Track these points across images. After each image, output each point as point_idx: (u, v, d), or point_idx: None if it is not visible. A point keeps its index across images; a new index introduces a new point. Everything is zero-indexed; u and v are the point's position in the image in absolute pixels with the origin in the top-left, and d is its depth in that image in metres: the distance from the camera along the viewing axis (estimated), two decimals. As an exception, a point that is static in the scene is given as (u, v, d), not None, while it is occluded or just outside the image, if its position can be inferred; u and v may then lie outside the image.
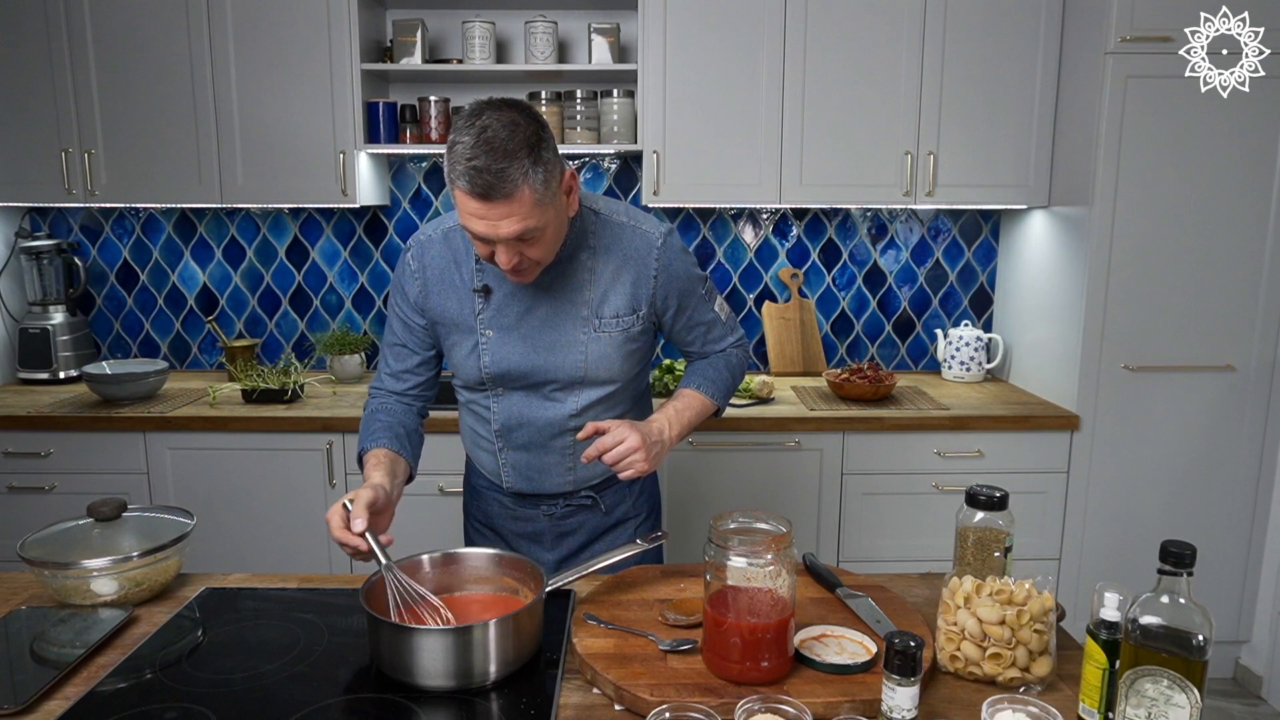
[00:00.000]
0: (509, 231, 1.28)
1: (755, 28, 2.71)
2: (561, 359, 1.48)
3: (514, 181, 1.24)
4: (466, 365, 1.52)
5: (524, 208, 1.26)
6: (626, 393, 1.58)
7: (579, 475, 1.58)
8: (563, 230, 1.40)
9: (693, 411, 1.54)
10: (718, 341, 1.63)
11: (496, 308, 1.48)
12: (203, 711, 1.07)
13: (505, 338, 1.48)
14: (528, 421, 1.54)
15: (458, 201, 1.29)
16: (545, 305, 1.47)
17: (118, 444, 2.62)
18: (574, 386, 1.51)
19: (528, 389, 1.52)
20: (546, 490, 1.60)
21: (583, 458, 1.39)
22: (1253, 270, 2.58)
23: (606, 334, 1.48)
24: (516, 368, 1.49)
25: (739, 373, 1.66)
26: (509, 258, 1.32)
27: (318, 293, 3.20)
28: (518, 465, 1.58)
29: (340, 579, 1.47)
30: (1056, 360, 2.77)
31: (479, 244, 1.34)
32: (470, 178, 1.23)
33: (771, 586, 1.10)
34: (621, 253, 1.48)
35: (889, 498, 2.69)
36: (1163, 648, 0.94)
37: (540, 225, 1.30)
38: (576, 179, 1.39)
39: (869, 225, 3.19)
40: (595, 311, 1.47)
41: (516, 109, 1.28)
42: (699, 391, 1.57)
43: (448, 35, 3.01)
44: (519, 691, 1.12)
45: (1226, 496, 2.69)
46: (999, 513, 1.20)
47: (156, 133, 2.76)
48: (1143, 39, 2.47)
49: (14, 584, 1.44)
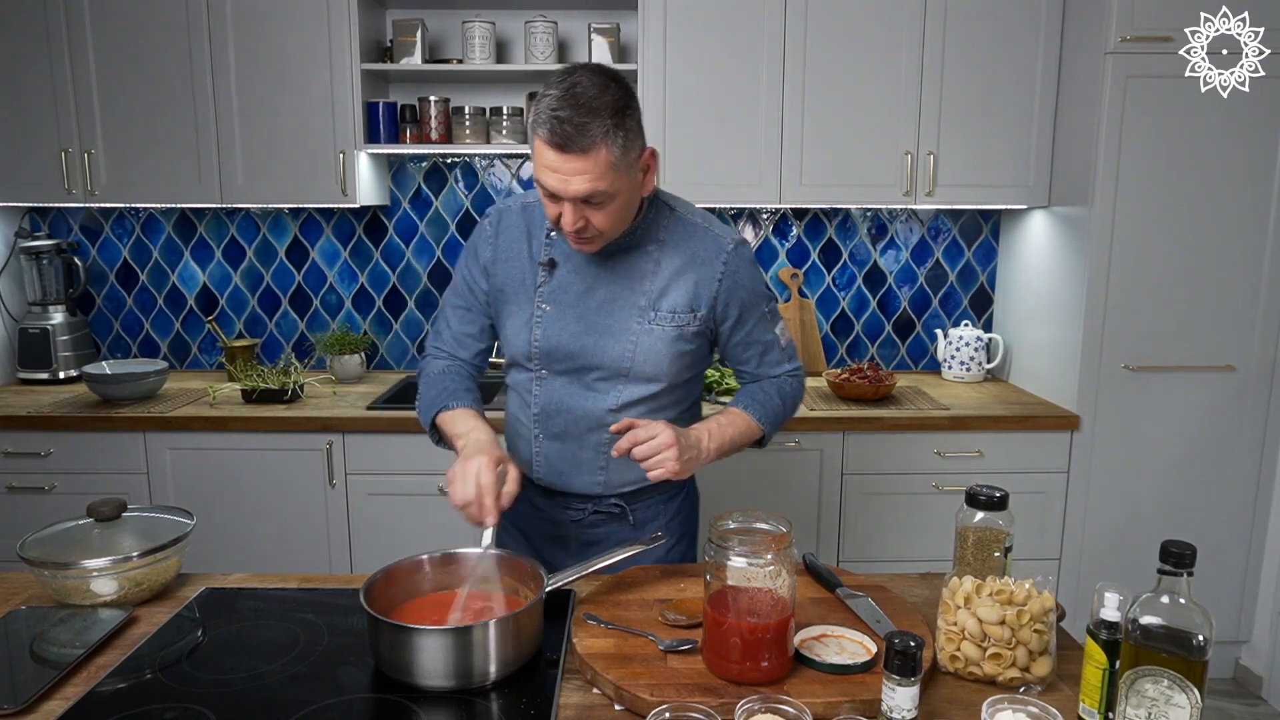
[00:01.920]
0: (579, 189, 1.28)
1: (755, 28, 2.71)
2: (610, 345, 1.46)
3: (593, 138, 1.25)
4: (518, 338, 1.51)
5: (598, 167, 1.27)
6: (671, 398, 1.54)
7: (610, 478, 1.55)
8: (633, 207, 1.39)
9: (736, 429, 1.50)
10: (774, 366, 1.59)
11: (558, 283, 1.48)
12: (203, 711, 1.07)
13: (561, 314, 1.47)
14: (566, 409, 1.51)
15: (535, 152, 1.29)
16: (605, 289, 1.47)
17: (118, 444, 2.62)
18: (618, 379, 1.49)
19: (571, 374, 1.50)
20: (575, 488, 1.56)
21: (614, 450, 1.37)
22: (1253, 270, 2.58)
23: (660, 327, 1.46)
24: (565, 346, 1.48)
25: (791, 403, 1.60)
26: (574, 219, 1.32)
27: (318, 293, 3.20)
28: (550, 456, 1.55)
29: (340, 579, 1.47)
30: (1056, 360, 2.77)
31: (548, 202, 1.35)
32: (551, 126, 1.25)
33: (771, 586, 1.10)
34: (690, 251, 1.46)
35: (889, 498, 2.69)
36: (1163, 648, 0.94)
37: (611, 191, 1.30)
38: (656, 160, 1.39)
39: (869, 225, 3.19)
40: (653, 303, 1.46)
41: (611, 75, 1.30)
42: (746, 412, 1.53)
43: (448, 35, 3.01)
44: (519, 691, 1.12)
45: (1226, 496, 2.69)
46: (999, 513, 1.19)
47: (156, 133, 2.76)
48: (1143, 39, 2.47)
49: (14, 584, 1.44)
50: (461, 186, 3.15)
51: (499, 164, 3.14)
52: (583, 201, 1.31)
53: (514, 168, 3.14)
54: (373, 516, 2.66)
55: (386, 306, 3.21)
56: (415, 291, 3.21)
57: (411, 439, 2.59)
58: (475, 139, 2.86)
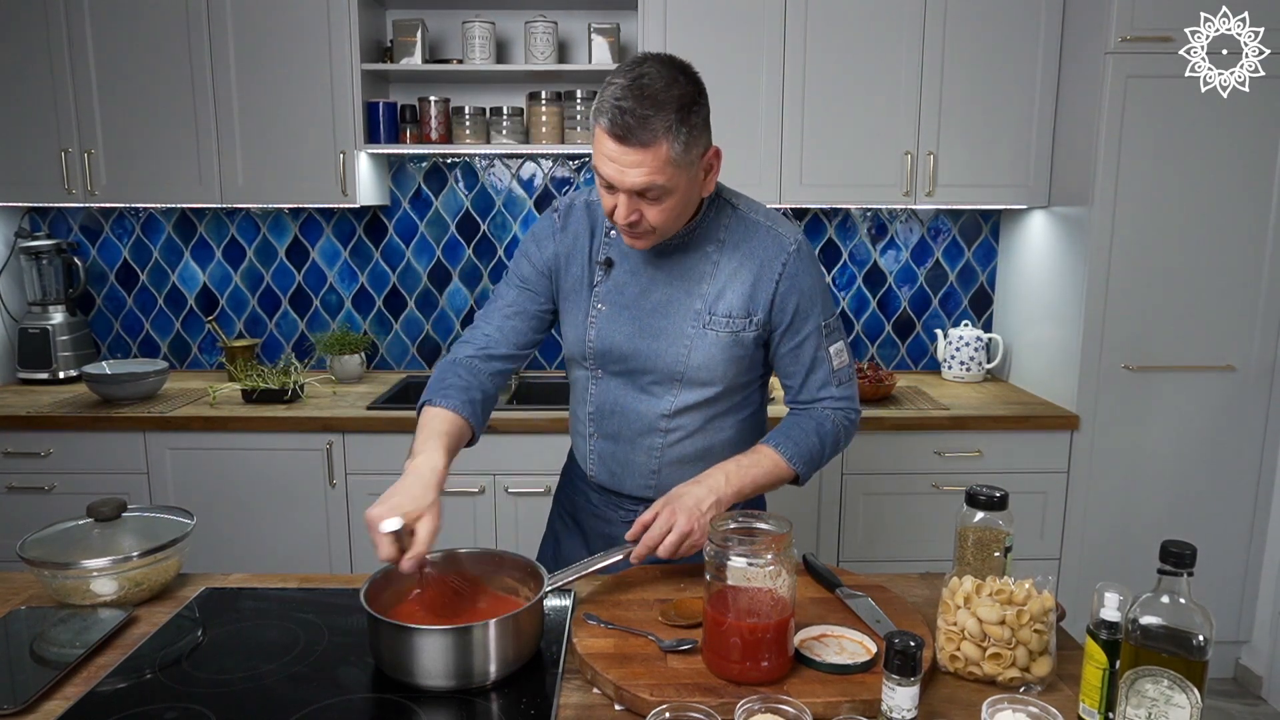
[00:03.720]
0: (635, 182, 1.26)
1: (755, 28, 2.71)
2: (664, 349, 1.44)
3: (654, 132, 1.22)
4: (575, 336, 1.49)
5: (657, 162, 1.24)
6: (728, 404, 1.49)
7: (662, 483, 1.50)
8: (690, 206, 1.36)
9: (761, 470, 1.40)
10: (819, 387, 1.48)
11: (614, 283, 1.46)
12: (203, 711, 1.07)
13: (616, 315, 1.45)
14: (620, 411, 1.50)
15: (596, 140, 1.27)
16: (661, 291, 1.44)
17: (118, 444, 2.62)
18: (672, 383, 1.46)
19: (626, 376, 1.48)
20: (627, 489, 1.54)
21: (631, 558, 1.31)
22: (1253, 270, 2.58)
23: (714, 332, 1.42)
24: (619, 348, 1.46)
25: (830, 444, 1.48)
26: (628, 212, 1.29)
27: (318, 293, 3.20)
28: (603, 455, 1.54)
29: (340, 579, 1.47)
30: (1056, 360, 2.77)
31: (604, 193, 1.32)
32: (612, 116, 1.23)
33: (771, 586, 1.10)
34: (749, 250, 1.42)
35: (889, 498, 2.69)
36: (1163, 648, 0.94)
37: (668, 186, 1.27)
38: (719, 160, 1.36)
39: (869, 225, 3.19)
40: (709, 306, 1.42)
41: (681, 69, 1.27)
42: (776, 451, 1.43)
43: (448, 35, 3.01)
44: (519, 691, 1.12)
45: (1226, 496, 2.69)
46: (999, 513, 1.19)
47: (156, 133, 2.76)
48: (1143, 39, 2.47)
49: (14, 584, 1.44)
50: (461, 187, 3.15)
51: (499, 164, 3.14)
52: (639, 195, 1.28)
53: (514, 168, 3.14)
54: (373, 516, 2.65)
55: (386, 306, 3.21)
56: (415, 291, 3.21)
57: (411, 439, 2.59)
58: (475, 139, 2.86)
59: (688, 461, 1.50)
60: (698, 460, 1.49)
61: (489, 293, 3.20)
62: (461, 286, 3.20)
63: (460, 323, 3.23)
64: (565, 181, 3.15)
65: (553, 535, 1.70)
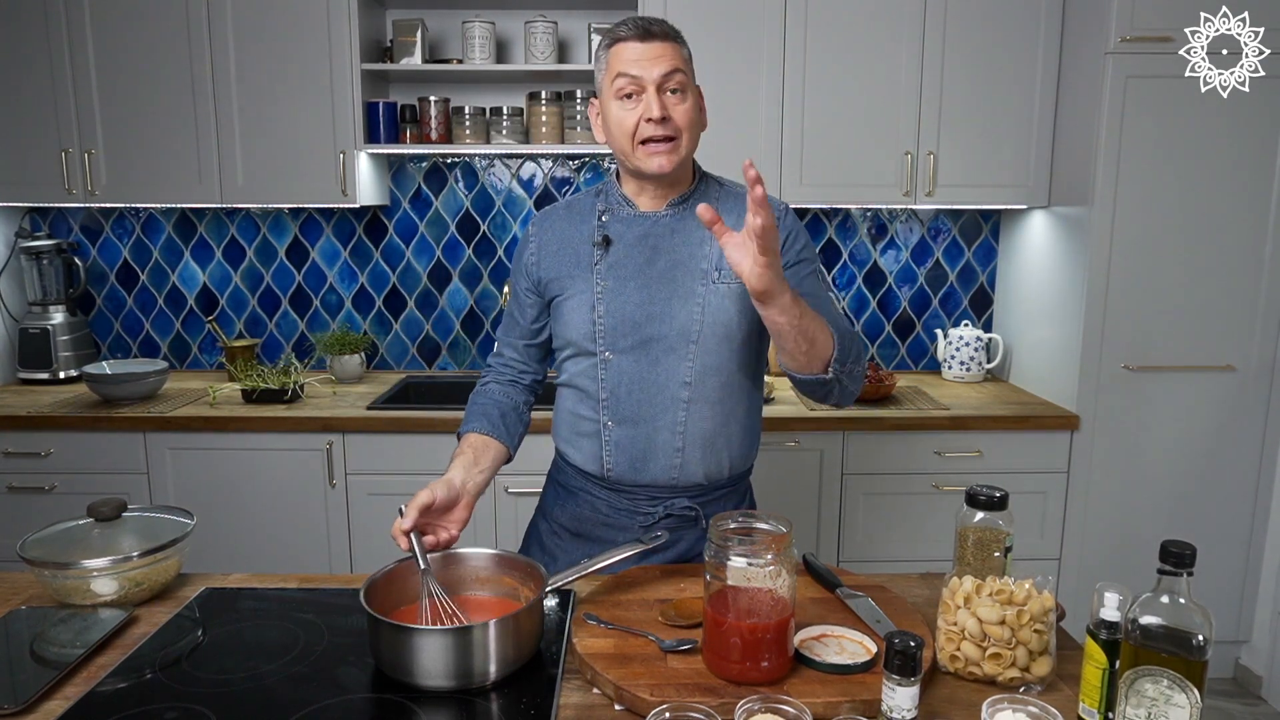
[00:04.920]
0: (662, 69, 1.38)
1: (755, 28, 2.71)
2: (678, 310, 1.45)
3: (670, 31, 1.41)
4: (579, 319, 1.48)
5: (678, 55, 1.40)
6: (744, 371, 1.50)
7: (685, 462, 1.48)
8: (699, 125, 1.49)
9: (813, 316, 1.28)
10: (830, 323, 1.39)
11: (616, 258, 1.48)
12: (203, 711, 1.07)
13: (621, 286, 1.47)
14: (637, 387, 1.47)
15: (613, 58, 1.41)
16: (665, 258, 1.47)
17: (118, 444, 2.62)
18: (688, 345, 1.45)
19: (638, 349, 1.46)
20: (647, 477, 1.50)
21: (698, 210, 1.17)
22: (1253, 270, 2.58)
23: (725, 285, 1.45)
24: (631, 317, 1.46)
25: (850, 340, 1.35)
26: (658, 106, 1.38)
27: (318, 293, 3.20)
28: (623, 444, 1.49)
29: (340, 579, 1.47)
30: (1056, 360, 2.77)
31: (625, 111, 1.40)
32: (631, 25, 1.39)
33: (771, 586, 1.10)
34: (741, 212, 1.45)
35: (889, 498, 2.69)
36: (1163, 648, 0.94)
37: (688, 82, 1.42)
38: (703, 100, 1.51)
39: (869, 225, 3.19)
40: (715, 264, 1.46)
41: None
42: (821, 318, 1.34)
43: (448, 35, 3.01)
44: (519, 691, 1.12)
45: (1226, 496, 2.69)
46: (999, 513, 1.19)
47: (156, 133, 2.76)
48: (1143, 39, 2.47)
49: (14, 584, 1.44)
50: (461, 186, 3.15)
51: (499, 164, 3.14)
52: (664, 93, 1.39)
53: (514, 168, 3.14)
54: (373, 516, 2.66)
55: (386, 306, 3.21)
56: (415, 292, 3.21)
57: (411, 439, 2.60)
58: (475, 139, 2.86)
59: (708, 440, 1.49)
60: (716, 438, 1.49)
61: (489, 293, 3.20)
62: (461, 286, 3.21)
63: (460, 323, 3.23)
64: (565, 181, 3.15)
65: (548, 553, 1.62)
